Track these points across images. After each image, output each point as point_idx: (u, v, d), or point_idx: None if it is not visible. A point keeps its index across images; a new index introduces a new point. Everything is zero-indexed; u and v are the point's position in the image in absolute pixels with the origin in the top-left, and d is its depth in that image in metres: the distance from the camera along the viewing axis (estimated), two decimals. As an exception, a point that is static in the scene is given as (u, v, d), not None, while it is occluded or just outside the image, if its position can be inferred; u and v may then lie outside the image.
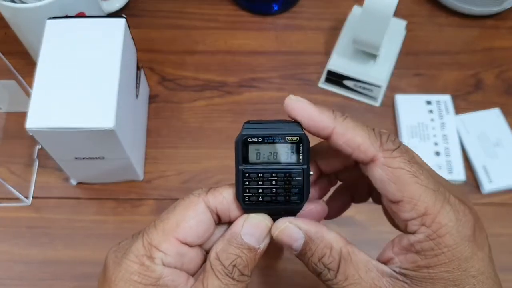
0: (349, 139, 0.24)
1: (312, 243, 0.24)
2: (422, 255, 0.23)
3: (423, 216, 0.23)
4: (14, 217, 0.45)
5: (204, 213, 0.25)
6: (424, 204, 0.23)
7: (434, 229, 0.22)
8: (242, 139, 0.24)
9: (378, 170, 0.23)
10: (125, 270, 0.24)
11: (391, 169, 0.23)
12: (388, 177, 0.23)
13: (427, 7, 0.58)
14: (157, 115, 0.51)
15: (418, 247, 0.23)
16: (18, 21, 0.47)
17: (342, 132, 0.24)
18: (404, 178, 0.23)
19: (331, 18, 0.57)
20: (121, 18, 0.42)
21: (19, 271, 0.43)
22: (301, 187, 0.25)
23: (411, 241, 0.23)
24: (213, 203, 0.25)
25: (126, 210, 0.46)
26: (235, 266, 0.24)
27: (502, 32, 0.56)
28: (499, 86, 0.52)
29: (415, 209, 0.23)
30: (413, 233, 0.23)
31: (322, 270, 0.24)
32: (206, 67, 0.54)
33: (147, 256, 0.24)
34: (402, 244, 0.24)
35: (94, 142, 0.39)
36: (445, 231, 0.22)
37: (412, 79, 0.53)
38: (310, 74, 0.53)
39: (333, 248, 0.24)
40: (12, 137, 0.49)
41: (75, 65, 0.39)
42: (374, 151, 0.24)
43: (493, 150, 0.47)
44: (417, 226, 0.23)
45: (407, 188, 0.23)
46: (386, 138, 0.24)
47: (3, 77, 0.46)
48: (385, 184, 0.23)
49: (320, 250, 0.24)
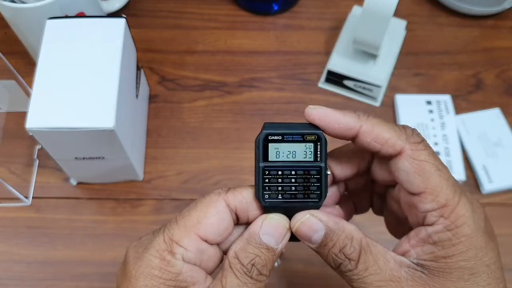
0: (377, 135, 0.24)
1: (333, 234, 0.24)
2: (440, 246, 0.23)
3: (443, 207, 0.23)
4: (14, 217, 0.45)
5: (225, 211, 0.25)
6: (445, 196, 0.23)
7: (452, 220, 0.23)
8: (263, 137, 0.25)
9: (405, 162, 0.24)
10: (146, 265, 0.24)
11: (417, 161, 0.24)
12: (414, 169, 0.24)
13: (427, 7, 0.58)
14: (157, 115, 0.51)
15: (436, 238, 0.23)
16: (18, 21, 0.47)
17: (369, 130, 0.24)
18: (429, 170, 0.24)
19: (331, 18, 0.57)
20: (121, 18, 0.41)
21: (19, 271, 0.43)
22: (320, 185, 0.25)
23: (429, 232, 0.24)
24: (233, 202, 0.25)
25: (126, 210, 0.46)
26: (253, 265, 0.24)
27: (502, 32, 0.56)
28: (499, 86, 0.52)
29: (436, 200, 0.23)
30: (431, 225, 0.24)
31: (343, 261, 0.24)
32: (206, 67, 0.54)
33: (168, 251, 0.24)
34: (419, 236, 0.24)
35: (94, 142, 0.39)
36: (463, 221, 0.23)
37: (412, 79, 0.53)
38: (310, 74, 0.53)
39: (354, 239, 0.24)
40: (12, 137, 0.49)
41: (75, 65, 0.39)
42: (402, 144, 0.24)
43: (493, 150, 0.47)
44: (436, 218, 0.23)
45: (431, 180, 0.24)
46: (411, 131, 0.25)
47: (3, 77, 0.46)
48: (410, 176, 0.24)
49: (341, 241, 0.24)
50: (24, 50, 0.52)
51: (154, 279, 0.23)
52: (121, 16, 0.42)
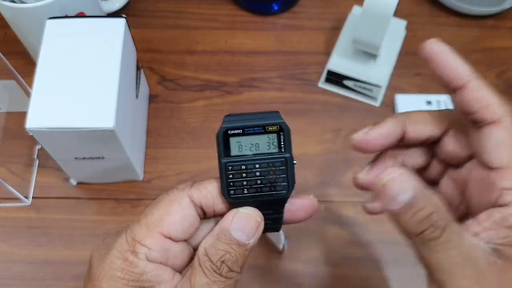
0: (482, 96, 0.23)
1: (423, 198, 0.23)
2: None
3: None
4: (14, 217, 0.45)
5: (189, 207, 0.24)
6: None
7: None
8: (222, 132, 0.24)
9: (500, 132, 0.23)
10: (108, 267, 0.23)
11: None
12: (506, 141, 0.23)
13: (427, 7, 0.58)
14: (157, 115, 0.51)
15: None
16: (18, 21, 0.47)
17: (477, 88, 0.23)
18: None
19: (331, 18, 0.57)
20: (121, 18, 0.42)
21: (19, 271, 0.43)
22: (286, 176, 0.24)
23: (504, 215, 0.22)
24: (198, 197, 0.25)
25: (126, 210, 0.46)
26: (223, 262, 0.23)
27: (502, 32, 0.56)
28: (499, 86, 0.52)
29: (497, 111, 0.23)
30: (506, 205, 0.22)
31: (428, 227, 0.22)
32: (206, 67, 0.54)
33: (131, 251, 0.23)
34: (493, 219, 0.22)
35: (94, 142, 0.39)
36: None
37: (412, 79, 0.53)
38: (310, 74, 0.53)
39: (441, 208, 0.23)
40: (12, 137, 0.49)
41: (75, 65, 0.39)
42: (502, 114, 0.23)
43: None
44: (511, 197, 0.22)
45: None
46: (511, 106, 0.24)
47: (3, 77, 0.46)
48: (498, 148, 0.23)
49: (429, 206, 0.22)
50: (24, 50, 0.52)
51: (117, 281, 0.23)
52: (121, 16, 0.42)
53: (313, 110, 0.51)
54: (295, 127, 0.52)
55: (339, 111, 0.51)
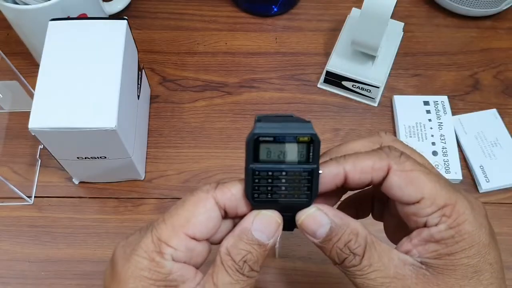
0: (362, 168, 0.25)
1: (339, 229, 0.24)
2: (443, 244, 0.23)
3: (443, 208, 0.24)
4: (16, 216, 0.46)
5: (213, 209, 0.25)
6: (442, 197, 0.24)
7: (454, 218, 0.23)
8: (253, 138, 0.24)
9: (394, 178, 0.24)
10: (134, 267, 0.24)
11: (405, 172, 0.24)
12: (405, 181, 0.24)
13: (425, 8, 0.58)
14: (158, 115, 0.51)
15: (439, 237, 0.24)
16: (21, 22, 0.47)
17: (353, 168, 0.25)
18: (419, 177, 0.24)
19: (330, 20, 0.57)
20: (123, 19, 0.42)
21: (21, 269, 0.44)
22: (310, 186, 0.25)
23: (431, 232, 0.24)
24: (222, 199, 0.25)
25: (128, 209, 0.46)
26: (245, 262, 0.24)
27: (500, 33, 0.56)
28: (497, 87, 0.53)
29: (435, 203, 0.24)
30: (432, 226, 0.24)
31: (348, 255, 0.24)
32: (207, 67, 0.54)
33: (157, 252, 0.24)
34: (422, 236, 0.24)
35: (96, 142, 0.39)
36: (464, 218, 0.23)
37: (410, 80, 0.53)
38: (309, 74, 0.54)
39: (359, 235, 0.24)
40: (14, 137, 0.50)
41: (77, 66, 0.39)
42: (386, 164, 0.24)
43: (490, 150, 0.48)
44: (438, 219, 0.24)
45: (424, 186, 0.24)
46: (387, 148, 0.25)
47: (6, 78, 0.47)
48: (403, 189, 0.24)
49: (346, 236, 0.24)
50: (27, 51, 0.52)
51: (143, 281, 0.23)
52: (122, 17, 0.42)
53: (312, 110, 0.51)
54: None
55: (338, 112, 0.51)
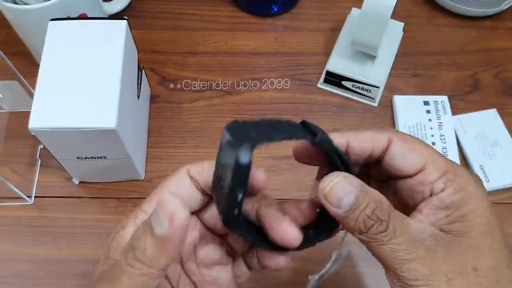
0: (364, 138, 0.26)
1: (366, 197, 0.24)
2: (454, 208, 0.24)
3: (446, 173, 0.24)
4: (16, 216, 0.46)
5: (185, 178, 0.26)
6: (443, 164, 0.25)
7: (458, 182, 0.24)
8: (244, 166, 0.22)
9: (396, 147, 0.25)
10: (115, 234, 0.26)
11: (406, 142, 0.25)
12: (406, 149, 0.25)
13: (425, 8, 0.58)
14: (158, 115, 0.51)
15: (449, 201, 0.24)
16: (21, 22, 0.47)
17: (355, 137, 0.26)
18: (419, 147, 0.25)
19: (330, 20, 0.57)
20: (123, 19, 0.42)
21: (21, 269, 0.44)
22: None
23: (440, 198, 0.24)
24: (193, 171, 0.27)
25: (128, 209, 0.46)
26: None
27: (500, 33, 0.56)
28: (497, 87, 0.53)
29: (438, 168, 0.24)
30: (439, 192, 0.24)
31: (375, 222, 0.24)
32: (207, 67, 0.54)
33: (133, 218, 0.26)
34: (432, 204, 0.24)
35: (96, 142, 0.39)
36: (467, 181, 0.24)
37: (410, 80, 0.53)
38: (310, 74, 0.54)
39: (383, 202, 0.24)
40: (14, 137, 0.50)
41: (77, 66, 0.39)
42: (387, 135, 0.26)
43: (490, 150, 0.48)
44: (443, 184, 0.24)
45: (426, 154, 0.25)
46: (387, 129, 0.27)
47: (6, 78, 0.47)
48: (406, 157, 0.25)
49: (372, 203, 0.24)
50: (27, 51, 0.52)
51: (111, 245, 0.26)
52: (122, 17, 0.42)
53: (312, 110, 0.51)
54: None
55: (338, 111, 0.51)
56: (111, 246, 0.26)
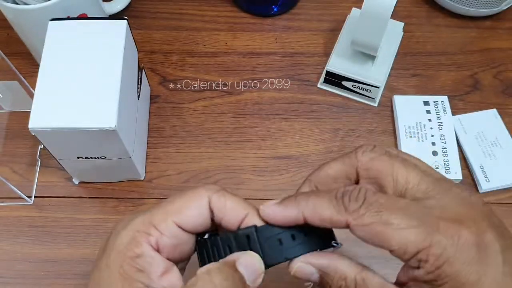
0: (320, 218, 0.24)
1: (327, 276, 0.25)
2: (430, 285, 0.23)
3: (416, 254, 0.23)
4: (16, 216, 0.46)
5: (205, 208, 0.26)
6: (413, 244, 0.23)
7: (431, 262, 0.22)
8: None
9: (357, 233, 0.24)
10: (119, 240, 0.25)
11: (365, 227, 0.23)
12: (368, 235, 0.23)
13: (425, 8, 0.58)
14: (158, 115, 0.51)
15: (422, 280, 0.23)
16: (21, 22, 0.47)
17: (312, 214, 0.25)
18: (382, 231, 0.23)
19: (330, 20, 0.57)
20: (123, 19, 0.42)
21: (21, 269, 0.44)
22: None
23: (415, 275, 0.23)
24: (214, 205, 0.26)
25: (128, 209, 0.46)
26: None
27: (500, 33, 0.56)
28: (497, 87, 0.53)
29: (407, 252, 0.23)
30: (416, 268, 0.23)
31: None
32: (207, 68, 0.54)
33: (143, 232, 0.25)
34: (411, 275, 0.24)
35: (96, 142, 0.39)
36: (442, 260, 0.22)
37: (409, 80, 0.53)
38: (309, 74, 0.54)
39: (347, 278, 0.24)
40: (14, 137, 0.50)
41: (77, 66, 0.39)
42: (344, 218, 0.24)
43: (490, 150, 0.48)
44: (416, 263, 0.23)
45: (390, 238, 0.23)
46: (347, 198, 0.24)
47: (6, 78, 0.46)
48: (370, 241, 0.24)
49: (336, 282, 0.24)
50: (27, 51, 0.52)
51: (118, 255, 0.25)
52: (122, 17, 0.42)
53: (312, 110, 0.51)
54: (295, 127, 0.52)
55: (337, 112, 0.51)
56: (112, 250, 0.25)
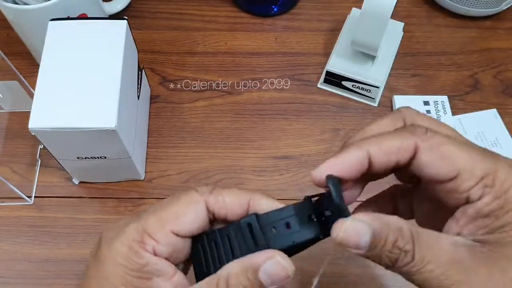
0: (387, 150, 0.23)
1: (382, 231, 0.22)
2: (493, 217, 0.22)
3: (483, 178, 0.22)
4: (16, 216, 0.46)
5: (203, 212, 0.25)
6: (480, 167, 0.22)
7: (498, 187, 0.22)
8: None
9: (424, 156, 0.23)
10: (115, 251, 0.24)
11: (434, 149, 0.23)
12: (436, 157, 0.23)
13: (425, 8, 0.58)
14: (158, 115, 0.51)
15: (487, 210, 0.22)
16: (21, 23, 0.47)
17: (378, 151, 0.24)
18: (450, 151, 0.23)
19: (330, 20, 0.57)
20: (123, 19, 0.42)
21: (21, 269, 0.44)
22: None
23: (477, 207, 0.22)
24: (213, 205, 0.25)
25: (128, 209, 0.46)
26: None
27: (500, 33, 0.56)
28: (497, 87, 0.53)
29: (474, 175, 0.22)
30: (477, 200, 0.22)
31: (399, 255, 0.22)
32: (207, 67, 0.54)
33: (138, 241, 0.24)
34: (468, 214, 0.22)
35: (96, 142, 0.39)
36: (508, 184, 0.22)
37: (409, 80, 0.53)
38: (309, 74, 0.54)
39: (403, 229, 0.22)
40: (14, 137, 0.50)
41: (77, 66, 0.40)
42: (413, 142, 0.23)
43: (490, 150, 0.48)
44: (480, 191, 0.22)
45: (457, 160, 0.22)
46: (412, 127, 0.24)
47: (6, 78, 0.47)
48: (436, 166, 0.23)
49: (390, 236, 0.22)
50: (27, 51, 0.52)
51: (119, 267, 0.24)
52: (122, 17, 0.42)
53: (312, 110, 0.51)
54: (295, 127, 0.52)
55: (337, 112, 0.51)
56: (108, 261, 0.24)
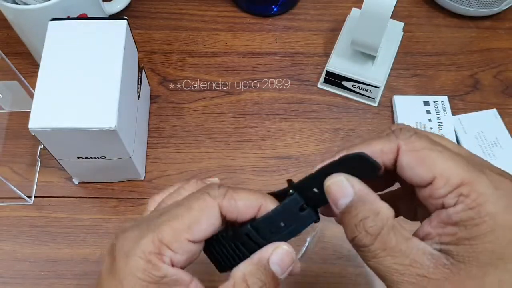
0: (371, 153, 0.24)
1: (360, 203, 0.23)
2: (462, 226, 0.21)
3: (459, 187, 0.21)
4: (16, 216, 0.46)
5: (217, 218, 0.25)
6: (458, 175, 0.22)
7: (473, 198, 0.21)
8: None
9: (404, 158, 0.23)
10: (132, 266, 0.24)
11: (415, 152, 0.23)
12: (415, 161, 0.23)
13: (425, 8, 0.58)
14: (158, 115, 0.51)
15: (457, 218, 0.21)
16: (21, 23, 0.47)
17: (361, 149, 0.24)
18: (430, 156, 0.22)
19: (330, 20, 0.57)
20: (123, 19, 0.42)
21: (21, 269, 0.44)
22: None
23: (449, 213, 0.22)
24: (226, 210, 0.25)
25: (128, 209, 0.46)
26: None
27: (500, 33, 0.56)
28: (497, 87, 0.53)
29: (449, 182, 0.22)
30: (451, 207, 0.22)
31: (359, 233, 0.22)
32: (207, 67, 0.54)
33: (156, 253, 0.24)
34: (440, 218, 0.22)
35: (96, 142, 0.39)
36: (484, 199, 0.21)
37: (410, 80, 0.53)
38: (309, 74, 0.54)
39: (380, 214, 0.23)
40: (15, 137, 0.50)
41: (77, 66, 0.40)
42: (395, 145, 0.23)
43: (490, 150, 0.48)
44: (454, 199, 0.22)
45: (436, 165, 0.22)
46: (398, 130, 0.24)
47: (6, 78, 0.47)
48: (414, 169, 0.23)
49: (365, 212, 0.23)
50: (27, 51, 0.52)
51: (137, 282, 0.23)
52: (122, 17, 0.42)
53: (312, 110, 0.51)
54: (295, 127, 0.52)
55: (338, 112, 0.51)
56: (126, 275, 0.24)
